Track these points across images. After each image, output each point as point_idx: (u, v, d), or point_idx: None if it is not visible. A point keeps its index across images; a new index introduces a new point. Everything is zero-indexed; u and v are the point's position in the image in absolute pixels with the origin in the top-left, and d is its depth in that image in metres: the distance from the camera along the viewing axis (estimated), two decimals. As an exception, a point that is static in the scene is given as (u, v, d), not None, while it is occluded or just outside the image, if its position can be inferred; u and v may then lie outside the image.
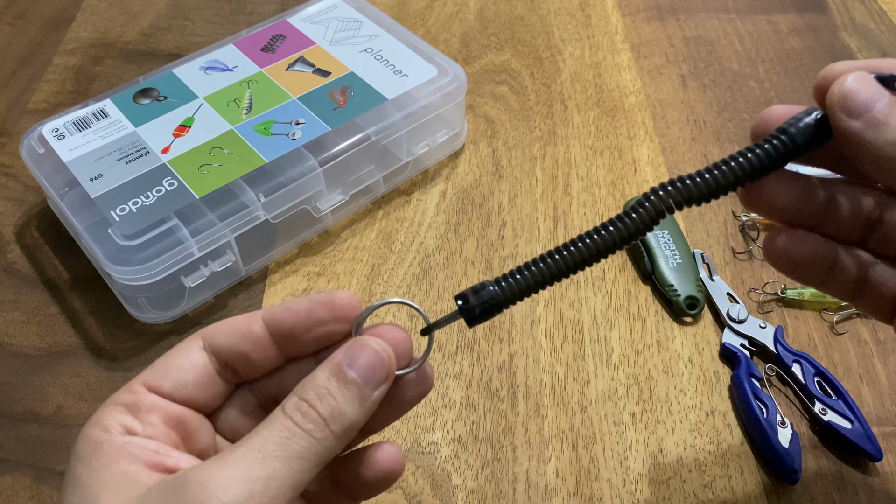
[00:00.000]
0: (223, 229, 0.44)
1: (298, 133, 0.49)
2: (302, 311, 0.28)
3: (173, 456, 0.26)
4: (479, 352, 0.44)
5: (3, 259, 0.50)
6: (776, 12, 0.68)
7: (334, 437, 0.25)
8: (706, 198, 0.27)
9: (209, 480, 0.23)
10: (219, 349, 0.28)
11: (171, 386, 0.28)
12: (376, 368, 0.26)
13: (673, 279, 0.46)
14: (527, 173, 0.54)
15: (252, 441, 0.25)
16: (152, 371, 0.28)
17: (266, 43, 0.55)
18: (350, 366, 0.26)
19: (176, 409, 0.28)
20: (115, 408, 0.27)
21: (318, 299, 0.28)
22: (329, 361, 0.26)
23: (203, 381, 0.28)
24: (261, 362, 0.29)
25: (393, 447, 0.29)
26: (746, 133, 0.57)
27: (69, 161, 0.47)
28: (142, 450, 0.26)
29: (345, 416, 0.25)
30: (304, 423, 0.25)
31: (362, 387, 0.26)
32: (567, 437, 0.41)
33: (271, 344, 0.28)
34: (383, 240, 0.50)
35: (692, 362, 0.44)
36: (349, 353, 0.26)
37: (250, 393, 0.30)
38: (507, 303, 0.27)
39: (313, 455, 0.25)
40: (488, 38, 0.65)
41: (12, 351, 0.45)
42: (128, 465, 0.25)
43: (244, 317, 0.29)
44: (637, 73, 0.62)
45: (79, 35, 0.66)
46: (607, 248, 0.27)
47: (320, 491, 0.30)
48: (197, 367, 0.28)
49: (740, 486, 0.39)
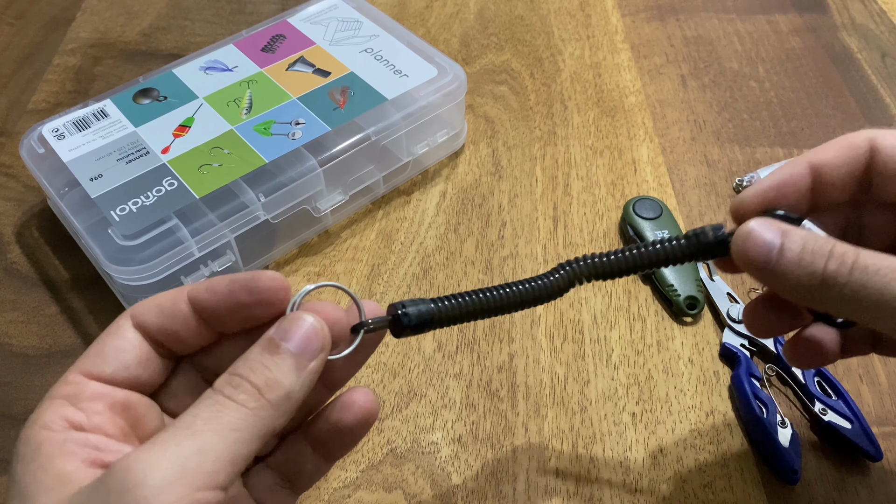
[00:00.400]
0: (223, 229, 0.44)
1: (298, 133, 0.49)
2: (223, 294, 0.26)
3: (114, 450, 0.25)
4: (479, 352, 0.44)
5: (3, 259, 0.50)
6: (776, 12, 0.68)
7: (271, 406, 0.24)
8: (615, 276, 0.31)
9: (135, 465, 0.22)
10: (148, 328, 0.27)
11: (112, 369, 0.26)
12: (311, 339, 0.25)
13: (673, 279, 0.46)
14: (527, 173, 0.54)
15: (179, 420, 0.24)
16: (88, 358, 0.27)
17: (266, 43, 0.55)
18: (283, 339, 0.25)
19: (120, 395, 0.27)
20: (54, 402, 0.26)
21: (239, 281, 0.26)
22: (261, 339, 0.26)
23: (143, 360, 0.27)
24: (192, 339, 0.28)
25: (365, 389, 0.29)
26: (746, 133, 0.57)
27: (69, 161, 0.47)
28: (81, 447, 0.25)
29: (281, 385, 0.25)
30: (235, 394, 0.24)
31: (298, 357, 0.25)
32: (567, 437, 0.41)
33: (200, 322, 0.27)
34: (383, 240, 0.50)
35: (692, 362, 0.44)
36: (281, 328, 0.25)
37: (193, 368, 0.29)
38: (437, 323, 0.28)
39: (249, 426, 0.24)
40: (488, 38, 0.65)
41: (12, 351, 0.45)
42: (65, 465, 0.24)
43: (170, 294, 0.27)
44: (637, 73, 0.62)
45: (79, 35, 0.66)
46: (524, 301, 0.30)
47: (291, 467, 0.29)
48: (135, 347, 0.27)
49: (740, 486, 0.39)
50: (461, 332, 0.45)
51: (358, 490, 0.39)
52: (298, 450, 0.29)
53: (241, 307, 0.26)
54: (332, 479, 0.39)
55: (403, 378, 0.43)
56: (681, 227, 0.50)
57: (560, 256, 0.49)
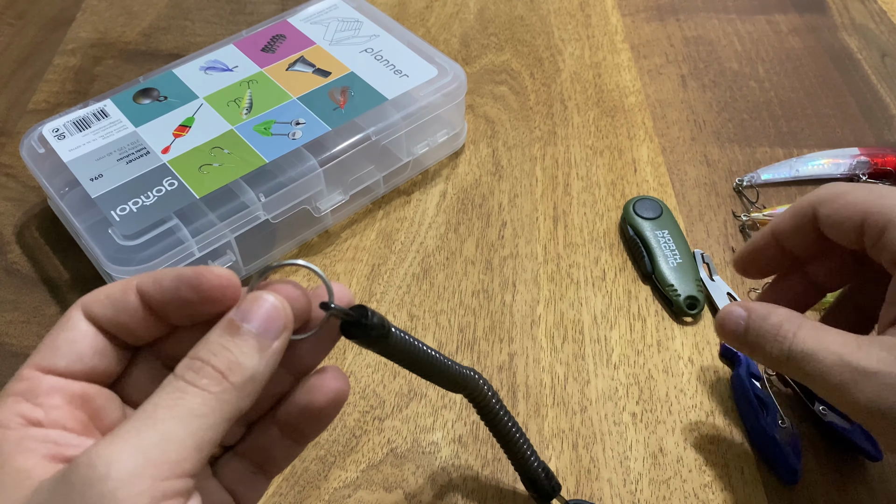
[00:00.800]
0: (223, 229, 0.44)
1: (298, 133, 0.49)
2: (169, 290, 0.25)
3: (75, 444, 0.24)
4: (479, 352, 0.44)
5: (3, 259, 0.50)
6: (776, 12, 0.68)
7: (235, 389, 0.24)
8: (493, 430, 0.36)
9: (97, 459, 0.21)
10: (98, 320, 0.26)
11: (66, 362, 0.26)
12: (272, 318, 0.25)
13: (673, 279, 0.46)
14: (527, 173, 0.54)
15: (140, 409, 0.23)
16: (41, 353, 0.26)
17: (266, 43, 0.55)
18: (244, 320, 0.24)
19: (77, 387, 0.26)
20: (8, 399, 0.25)
21: (184, 277, 0.25)
22: (221, 321, 0.25)
23: (98, 350, 0.26)
24: (143, 332, 0.27)
25: (335, 368, 0.28)
26: (746, 133, 0.57)
27: (69, 161, 0.47)
28: (40, 443, 0.24)
29: (244, 367, 0.24)
30: (196, 379, 0.23)
31: (260, 337, 0.24)
32: (567, 437, 0.41)
33: (150, 314, 0.26)
34: (383, 240, 0.50)
35: (692, 362, 0.44)
36: (241, 310, 0.25)
37: (153, 356, 0.28)
38: (390, 345, 0.28)
39: (213, 411, 0.23)
40: (488, 38, 0.65)
41: (12, 351, 0.45)
42: (23, 462, 0.23)
43: (119, 284, 0.26)
44: (637, 73, 0.62)
45: (79, 35, 0.66)
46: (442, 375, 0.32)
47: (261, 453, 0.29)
48: (87, 337, 0.26)
49: (740, 486, 0.39)
50: (461, 332, 0.45)
51: (358, 490, 0.39)
52: (268, 435, 0.29)
53: (185, 304, 0.26)
54: (332, 479, 0.39)
55: (403, 378, 0.43)
56: (681, 226, 0.50)
57: (560, 256, 0.49)
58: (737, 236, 0.50)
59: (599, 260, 0.49)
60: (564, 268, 0.48)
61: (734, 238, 0.50)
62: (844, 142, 0.56)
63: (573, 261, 0.49)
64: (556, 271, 0.48)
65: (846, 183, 0.37)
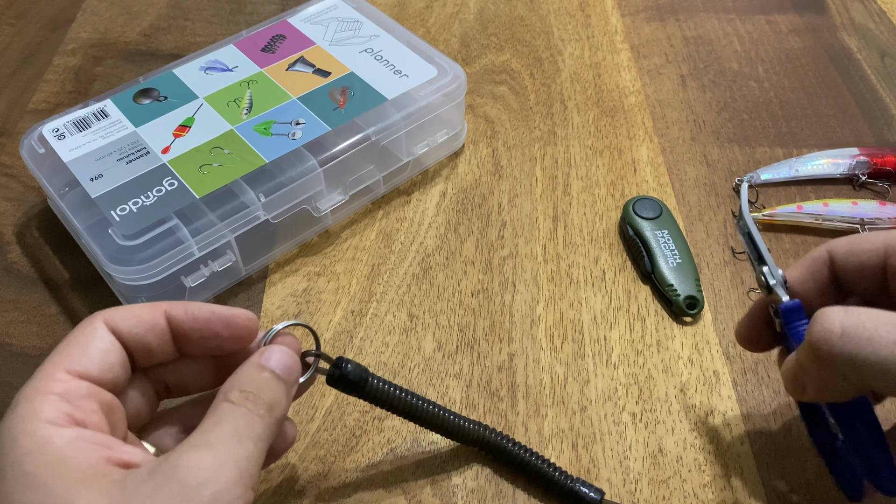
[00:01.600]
0: (223, 229, 0.44)
1: (298, 133, 0.49)
2: (202, 321, 0.30)
3: (124, 450, 0.26)
4: (479, 352, 0.44)
5: (3, 259, 0.50)
6: (776, 12, 0.68)
7: (276, 423, 0.29)
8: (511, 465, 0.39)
9: (201, 463, 0.25)
10: (123, 336, 0.28)
11: (100, 370, 0.27)
12: (293, 369, 0.31)
13: (672, 279, 0.46)
14: (527, 173, 0.54)
15: (221, 428, 0.27)
16: (70, 357, 0.27)
17: (266, 43, 0.55)
18: (278, 367, 0.30)
19: (107, 396, 0.27)
20: (51, 397, 0.26)
21: (219, 314, 0.30)
22: (263, 363, 0.30)
23: (122, 363, 0.29)
24: (159, 354, 0.30)
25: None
26: (746, 133, 0.57)
27: (69, 161, 0.47)
28: (92, 444, 0.25)
29: (281, 406, 0.30)
30: (256, 409, 0.28)
31: (287, 383, 0.30)
32: (567, 437, 0.41)
33: (171, 339, 0.30)
34: (383, 240, 0.50)
35: (692, 362, 0.44)
36: (281, 362, 0.30)
37: (146, 378, 0.31)
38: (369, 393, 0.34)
39: (267, 438, 0.28)
40: (488, 39, 0.65)
41: (12, 351, 0.45)
42: (85, 460, 0.24)
43: (148, 307, 0.30)
44: (637, 73, 0.62)
45: (79, 35, 0.66)
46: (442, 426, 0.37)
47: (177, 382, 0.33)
48: (117, 349, 0.28)
49: (740, 486, 0.39)
50: (461, 331, 0.45)
51: (358, 490, 0.39)
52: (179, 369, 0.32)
53: (214, 336, 0.30)
54: (332, 479, 0.39)
55: (403, 378, 0.43)
56: (681, 226, 0.50)
57: (560, 256, 0.49)
58: (736, 236, 0.50)
59: (599, 260, 0.49)
60: (564, 268, 0.48)
61: (734, 238, 0.50)
62: (844, 142, 0.56)
63: (573, 261, 0.49)
64: (556, 271, 0.48)
65: None
